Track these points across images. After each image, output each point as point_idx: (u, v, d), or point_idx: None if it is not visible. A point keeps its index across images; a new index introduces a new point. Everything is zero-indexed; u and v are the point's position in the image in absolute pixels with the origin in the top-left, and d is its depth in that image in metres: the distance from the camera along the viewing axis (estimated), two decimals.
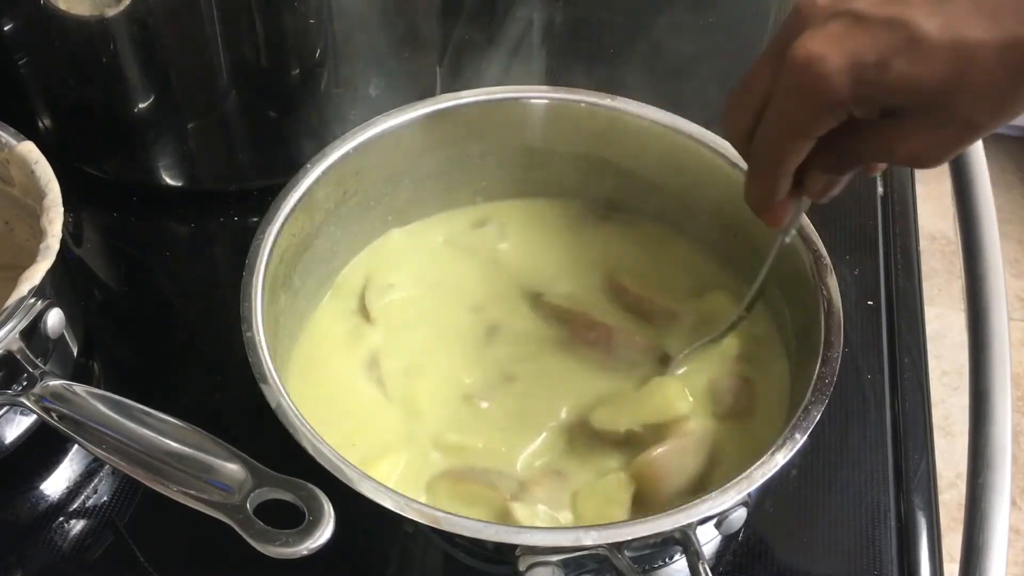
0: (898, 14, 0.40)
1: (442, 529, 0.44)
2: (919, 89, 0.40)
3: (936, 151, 0.43)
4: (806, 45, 0.41)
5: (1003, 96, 0.40)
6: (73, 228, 0.71)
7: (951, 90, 0.40)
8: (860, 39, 0.40)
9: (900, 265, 0.70)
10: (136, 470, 0.46)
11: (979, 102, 0.40)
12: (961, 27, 0.39)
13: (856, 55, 0.40)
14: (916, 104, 0.41)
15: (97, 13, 0.61)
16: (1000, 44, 0.39)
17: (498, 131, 0.64)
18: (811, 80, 0.41)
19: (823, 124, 0.43)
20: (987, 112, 0.41)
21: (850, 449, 0.60)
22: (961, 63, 0.39)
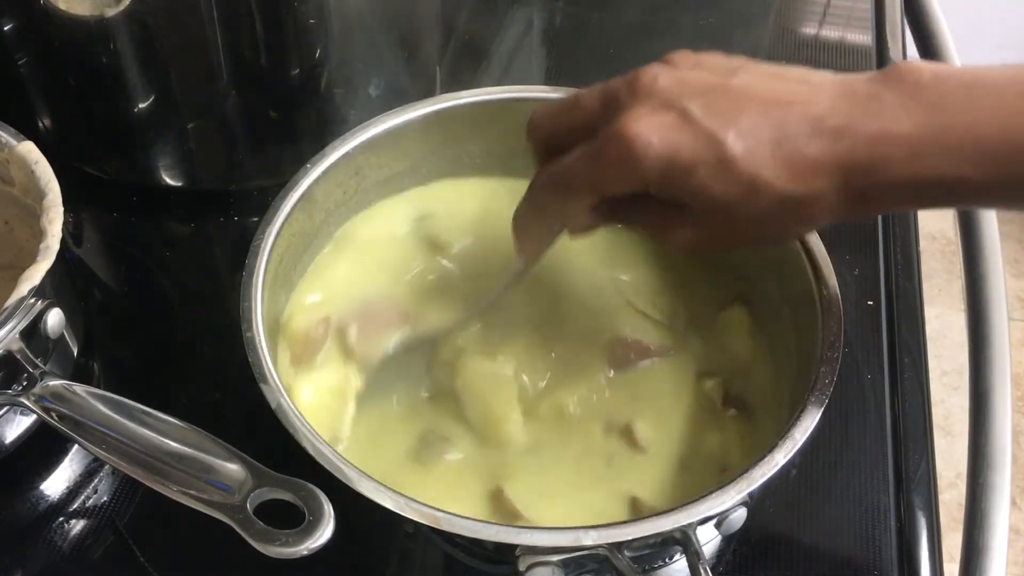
0: (717, 130, 0.44)
1: (442, 529, 0.44)
2: (711, 200, 0.45)
3: (702, 247, 0.48)
4: (637, 125, 0.44)
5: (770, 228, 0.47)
6: (73, 228, 0.71)
7: (734, 210, 0.45)
8: (682, 139, 0.44)
9: (900, 265, 0.70)
10: (136, 470, 0.46)
11: (751, 226, 0.46)
12: (759, 164, 0.44)
13: (674, 152, 0.44)
14: (704, 209, 0.46)
15: (97, 13, 0.61)
16: (782, 194, 0.44)
17: (498, 131, 0.64)
18: (629, 156, 0.44)
19: (616, 188, 0.47)
20: (755, 233, 0.47)
21: (850, 449, 0.60)
22: (749, 195, 0.44)
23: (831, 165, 0.43)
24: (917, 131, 0.43)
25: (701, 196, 0.45)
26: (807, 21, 0.95)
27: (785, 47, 0.92)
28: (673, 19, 0.92)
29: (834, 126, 0.43)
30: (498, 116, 0.63)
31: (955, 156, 0.42)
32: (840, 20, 0.93)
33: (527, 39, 0.89)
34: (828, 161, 0.43)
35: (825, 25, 0.93)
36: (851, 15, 0.94)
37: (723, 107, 0.44)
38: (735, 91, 0.45)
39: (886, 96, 0.44)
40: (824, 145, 0.43)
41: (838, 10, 0.94)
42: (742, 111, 0.44)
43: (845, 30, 0.92)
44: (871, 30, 0.91)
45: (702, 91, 0.45)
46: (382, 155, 0.62)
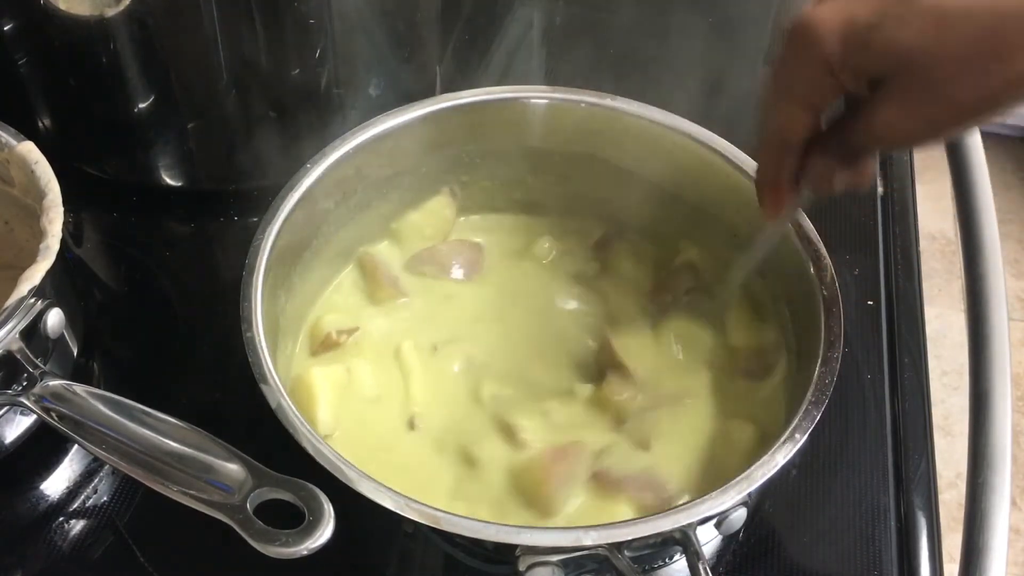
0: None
1: (442, 529, 0.44)
2: (901, 53, 0.40)
3: (920, 128, 0.43)
4: (809, 11, 0.42)
5: (982, 69, 0.40)
6: (73, 228, 0.71)
7: (931, 57, 0.40)
8: (857, 6, 0.41)
9: (900, 265, 0.70)
10: (136, 470, 0.46)
11: (958, 74, 0.40)
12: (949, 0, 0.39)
13: (849, 19, 0.41)
14: (899, 72, 0.41)
15: (97, 13, 0.61)
16: (985, 13, 0.39)
17: (498, 131, 0.64)
18: (804, 39, 0.42)
19: (814, 88, 0.44)
20: (967, 87, 0.40)
21: (850, 449, 0.60)
22: (944, 30, 0.39)
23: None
24: None
25: (890, 53, 0.40)
26: None
27: None
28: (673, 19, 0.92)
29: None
30: (498, 116, 0.63)
31: None
32: None
33: (527, 39, 0.89)
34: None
35: None
36: None
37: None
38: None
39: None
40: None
41: None
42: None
43: None
44: None
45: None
46: (382, 155, 0.61)
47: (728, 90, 0.84)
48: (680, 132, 0.61)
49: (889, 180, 0.76)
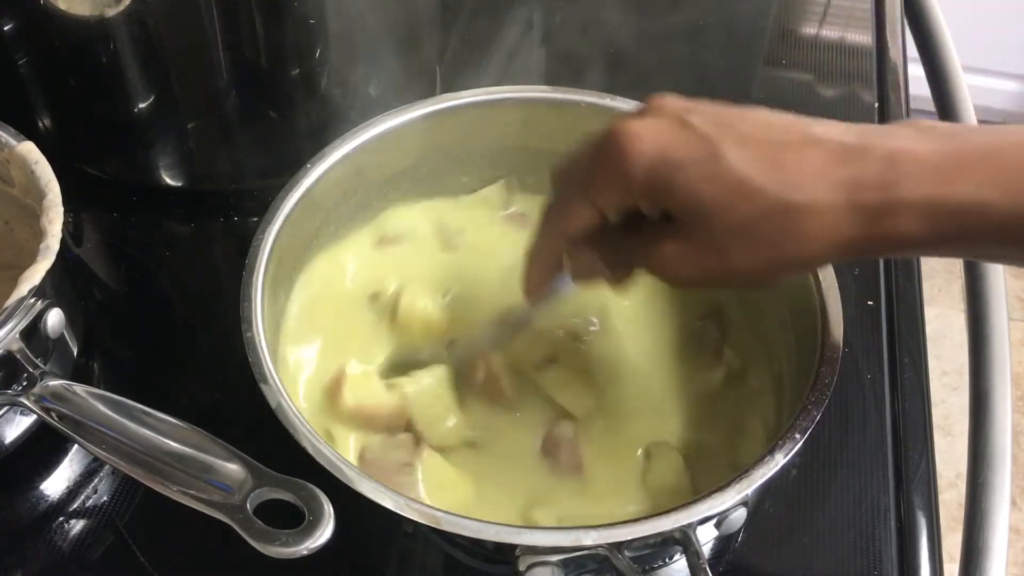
0: (714, 135, 0.42)
1: (442, 529, 0.44)
2: (697, 203, 0.42)
3: (689, 271, 0.44)
4: (630, 124, 0.43)
5: (759, 245, 0.42)
6: (73, 228, 0.71)
7: (719, 219, 0.42)
8: (674, 139, 0.42)
9: (900, 265, 0.70)
10: (136, 470, 0.46)
11: (738, 241, 0.42)
12: (753, 170, 0.41)
13: (661, 153, 0.42)
14: (689, 219, 0.43)
15: (97, 13, 0.61)
16: (775, 197, 0.40)
17: (498, 131, 0.64)
18: (616, 152, 0.43)
19: (609, 198, 0.45)
20: (743, 255, 0.42)
21: (850, 449, 0.60)
22: (738, 199, 0.41)
23: (837, 177, 0.40)
24: (935, 153, 0.40)
25: (687, 198, 0.42)
26: (807, 21, 0.95)
27: (785, 47, 0.92)
28: (673, 19, 0.92)
29: (844, 143, 0.41)
30: (498, 116, 0.63)
31: (977, 177, 0.39)
32: (840, 20, 0.93)
33: (527, 39, 0.89)
34: (834, 172, 0.40)
35: (825, 25, 0.93)
36: (851, 15, 0.94)
37: (725, 120, 0.42)
38: (742, 112, 0.43)
39: (900, 130, 0.41)
40: (830, 157, 0.40)
41: (838, 10, 0.94)
42: (743, 123, 0.42)
43: (845, 30, 0.92)
44: (871, 30, 0.91)
45: (708, 109, 0.43)
46: (382, 155, 0.62)
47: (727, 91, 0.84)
48: None
49: None
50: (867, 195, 0.40)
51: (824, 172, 0.40)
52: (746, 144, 0.41)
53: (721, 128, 0.42)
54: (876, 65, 0.87)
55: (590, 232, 0.47)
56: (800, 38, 0.93)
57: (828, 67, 0.88)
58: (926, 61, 0.87)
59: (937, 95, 0.83)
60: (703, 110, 0.43)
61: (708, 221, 0.42)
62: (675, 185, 0.42)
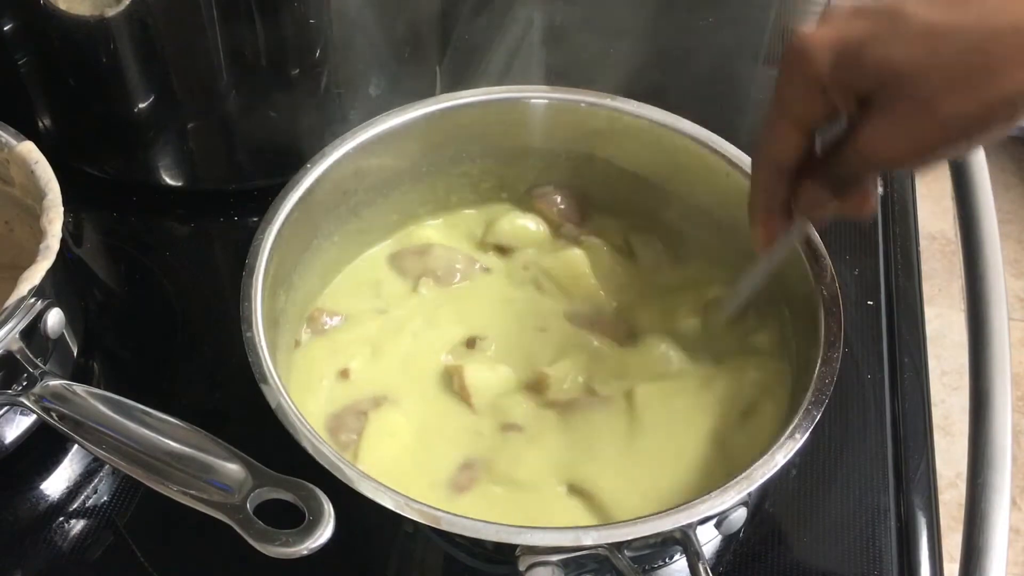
0: (891, 5, 0.41)
1: (442, 529, 0.44)
2: (891, 69, 0.40)
3: (907, 147, 0.42)
4: (803, 32, 0.43)
5: (972, 86, 0.39)
6: (73, 228, 0.71)
7: (920, 73, 0.40)
8: (850, 25, 0.42)
9: (900, 265, 0.70)
10: (136, 470, 0.46)
11: (947, 89, 0.40)
12: (941, 16, 0.39)
13: (841, 37, 0.42)
14: (888, 88, 0.41)
15: (97, 13, 0.61)
16: (976, 29, 0.39)
17: (498, 131, 0.64)
18: (797, 57, 0.43)
19: (806, 107, 0.44)
20: (955, 103, 0.40)
21: (850, 449, 0.60)
22: (933, 46, 0.39)
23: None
24: None
25: (880, 70, 0.40)
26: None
27: None
28: (673, 19, 0.92)
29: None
30: (498, 116, 0.63)
31: None
32: None
33: (527, 39, 0.89)
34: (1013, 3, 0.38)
35: None
36: None
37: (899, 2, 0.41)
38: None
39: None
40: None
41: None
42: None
43: None
44: None
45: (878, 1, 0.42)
46: (382, 155, 0.62)
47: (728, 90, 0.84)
48: (680, 132, 0.61)
49: (889, 181, 0.76)
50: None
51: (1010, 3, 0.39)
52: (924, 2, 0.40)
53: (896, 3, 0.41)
54: None
55: (805, 159, 0.46)
56: None
57: None
58: None
59: None
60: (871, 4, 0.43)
61: (911, 80, 0.40)
62: (864, 59, 0.41)
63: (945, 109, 0.40)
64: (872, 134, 0.42)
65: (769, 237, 0.50)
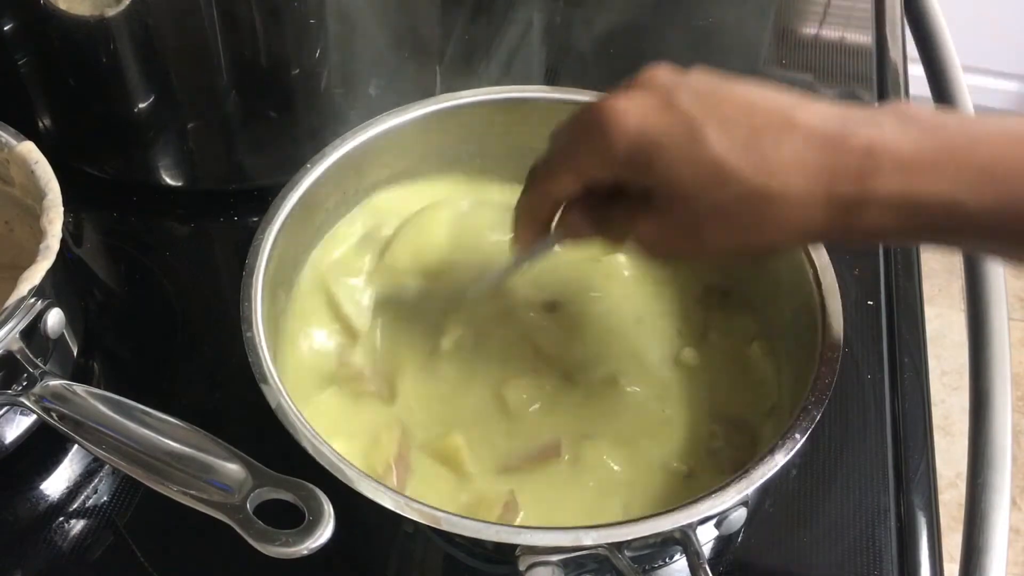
0: (696, 115, 0.42)
1: (442, 529, 0.44)
2: (675, 182, 0.43)
3: (665, 247, 0.47)
4: (618, 101, 0.44)
5: (734, 228, 0.43)
6: (73, 228, 0.71)
7: (696, 199, 0.43)
8: (658, 118, 0.43)
9: (900, 265, 0.70)
10: (136, 470, 0.46)
11: (713, 221, 0.43)
12: (731, 155, 0.42)
13: (645, 127, 0.43)
14: (667, 195, 0.44)
15: (97, 13, 0.61)
16: (752, 184, 0.41)
17: (498, 131, 0.64)
18: (601, 127, 0.44)
19: (591, 168, 0.46)
20: (716, 234, 0.44)
21: (850, 449, 0.60)
22: (714, 181, 0.42)
23: (814, 166, 0.41)
24: (913, 147, 0.40)
25: (665, 177, 0.43)
26: (807, 21, 0.95)
27: (785, 47, 0.92)
28: (673, 19, 0.92)
29: (824, 131, 0.41)
30: (498, 116, 0.63)
31: (952, 175, 0.40)
32: (840, 20, 0.93)
33: (527, 39, 0.89)
34: (811, 161, 0.41)
35: (825, 25, 0.93)
36: (851, 15, 0.94)
37: (711, 100, 0.43)
38: (729, 91, 0.44)
39: (883, 117, 0.42)
40: (809, 145, 0.41)
41: (838, 10, 0.94)
42: (728, 105, 0.43)
43: (845, 30, 0.92)
44: (871, 30, 0.91)
45: (696, 87, 0.44)
46: (382, 155, 0.62)
47: None
48: None
49: None
50: (842, 186, 0.41)
51: (801, 160, 0.41)
52: (727, 127, 0.42)
53: (705, 109, 0.43)
54: (876, 65, 0.87)
55: (575, 197, 0.48)
56: (800, 38, 0.93)
57: (828, 67, 0.88)
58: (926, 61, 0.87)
59: (937, 95, 0.83)
60: (691, 87, 0.44)
61: (685, 202, 0.43)
62: (655, 164, 0.43)
63: (708, 238, 0.44)
64: (643, 228, 0.46)
65: (526, 246, 0.52)
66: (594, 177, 0.46)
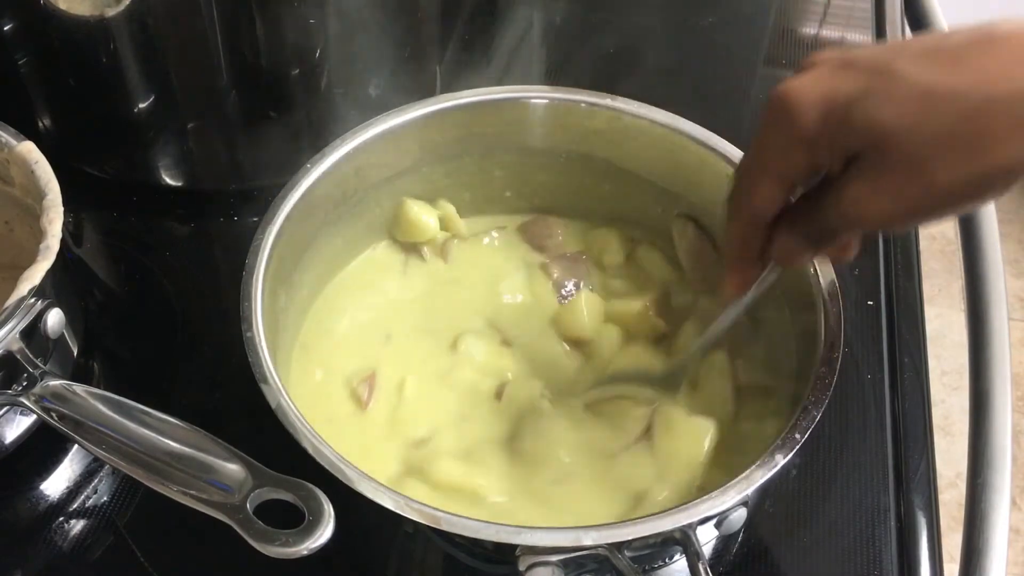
0: (884, 62, 0.39)
1: (442, 529, 0.44)
2: (882, 130, 0.39)
3: (891, 209, 0.40)
4: (789, 82, 0.41)
5: (966, 153, 0.38)
6: (73, 228, 0.71)
7: (913, 136, 0.38)
8: (839, 80, 0.40)
9: (900, 265, 0.70)
10: (136, 470, 0.46)
11: (940, 155, 0.38)
12: (938, 77, 0.38)
13: (830, 93, 0.40)
14: (877, 149, 0.40)
15: (97, 13, 0.61)
16: (974, 95, 0.38)
17: (498, 131, 0.64)
18: (782, 111, 0.41)
19: (789, 162, 0.42)
20: (947, 169, 0.38)
21: (850, 449, 0.60)
22: (929, 109, 0.38)
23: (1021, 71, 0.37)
24: None
25: (871, 130, 0.39)
26: (807, 21, 0.95)
27: (785, 47, 0.92)
28: (673, 19, 0.92)
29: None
30: (498, 116, 0.63)
31: None
32: (840, 20, 0.93)
33: (527, 39, 0.89)
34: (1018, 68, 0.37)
35: (825, 25, 0.93)
36: (851, 15, 0.94)
37: (892, 49, 0.40)
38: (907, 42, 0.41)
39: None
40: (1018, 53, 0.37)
41: (838, 10, 0.95)
42: (914, 45, 0.40)
43: (845, 30, 0.92)
44: (871, 30, 0.91)
45: (871, 49, 0.41)
46: (382, 155, 0.62)
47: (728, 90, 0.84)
48: (680, 132, 0.61)
49: None
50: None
51: (1014, 68, 0.37)
52: (923, 58, 0.39)
53: (890, 52, 0.40)
54: None
55: (780, 209, 0.45)
56: (800, 38, 0.93)
57: None
58: None
59: None
60: (863, 51, 0.41)
61: (901, 142, 0.39)
62: (853, 118, 0.39)
63: (938, 176, 0.39)
64: (857, 195, 0.41)
65: (744, 285, 0.50)
66: (795, 170, 0.43)
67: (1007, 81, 0.37)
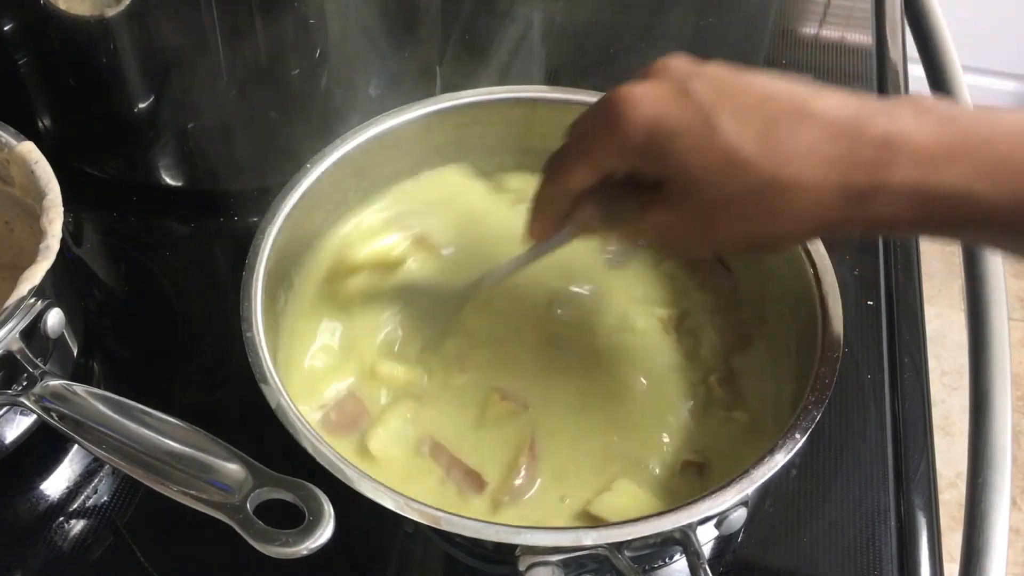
0: (711, 105, 0.42)
1: (442, 529, 0.44)
2: (688, 171, 0.43)
3: (675, 237, 0.46)
4: (632, 89, 0.44)
5: (746, 217, 0.43)
6: (73, 228, 0.71)
7: (709, 188, 0.42)
8: (672, 108, 0.43)
9: (900, 265, 0.70)
10: (136, 470, 0.46)
11: (724, 213, 0.43)
12: (745, 144, 0.41)
13: (659, 120, 0.43)
14: (680, 184, 0.43)
15: (97, 13, 0.61)
16: (764, 173, 0.41)
17: (498, 131, 0.64)
18: (615, 116, 0.44)
19: (607, 159, 0.45)
20: (728, 224, 0.43)
21: (850, 449, 0.60)
22: (728, 171, 0.42)
23: (829, 155, 0.41)
24: (930, 138, 0.40)
25: (679, 166, 0.43)
26: (807, 21, 0.95)
27: (785, 47, 0.92)
28: (673, 19, 0.92)
29: (840, 121, 0.41)
30: (498, 116, 0.63)
31: (968, 167, 0.39)
32: (840, 20, 0.93)
33: (527, 39, 0.89)
34: (826, 151, 0.41)
35: (825, 25, 0.93)
36: (851, 15, 0.94)
37: (726, 90, 0.43)
38: (745, 81, 0.44)
39: (899, 108, 0.41)
40: (824, 135, 0.41)
41: (838, 10, 0.94)
42: (743, 94, 0.43)
43: (845, 30, 0.92)
44: (871, 30, 0.91)
45: (711, 76, 0.44)
46: (382, 155, 0.62)
47: None
48: None
49: None
50: (857, 176, 0.41)
51: (816, 150, 0.41)
52: (742, 116, 0.42)
53: (720, 98, 0.42)
54: (876, 65, 0.87)
55: (591, 188, 0.47)
56: (800, 38, 0.93)
57: (828, 67, 0.88)
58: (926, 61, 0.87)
59: (937, 95, 0.83)
60: (706, 75, 0.44)
61: (698, 191, 0.43)
62: (669, 153, 0.43)
63: (718, 228, 0.44)
64: (657, 219, 0.45)
65: (541, 237, 0.52)
66: (610, 167, 0.46)
67: (797, 167, 0.41)
